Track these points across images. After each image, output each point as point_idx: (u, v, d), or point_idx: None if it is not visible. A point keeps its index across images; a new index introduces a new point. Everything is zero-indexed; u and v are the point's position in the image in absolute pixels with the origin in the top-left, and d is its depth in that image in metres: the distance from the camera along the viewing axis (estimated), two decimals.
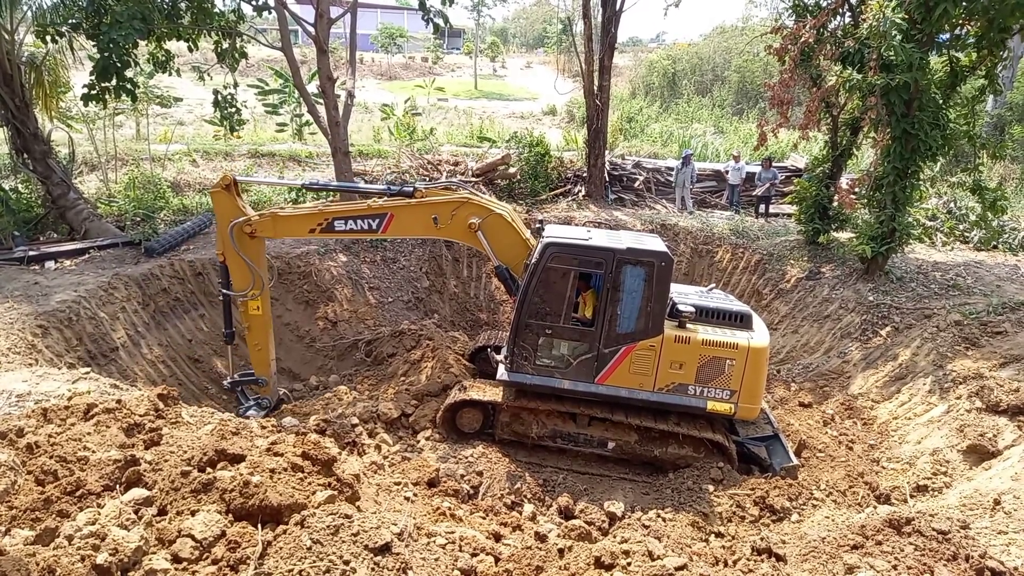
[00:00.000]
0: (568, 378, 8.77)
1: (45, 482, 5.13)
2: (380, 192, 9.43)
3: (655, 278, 8.31)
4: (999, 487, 7.23)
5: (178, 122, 24.67)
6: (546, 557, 5.33)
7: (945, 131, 12.16)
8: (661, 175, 20.95)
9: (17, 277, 11.36)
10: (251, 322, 9.76)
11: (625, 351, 8.58)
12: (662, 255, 8.36)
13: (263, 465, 5.24)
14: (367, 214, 9.12)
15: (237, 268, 9.40)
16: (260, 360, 10.04)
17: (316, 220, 9.22)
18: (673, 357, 8.57)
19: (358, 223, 9.14)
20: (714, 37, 43.71)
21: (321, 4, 14.04)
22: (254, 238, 9.31)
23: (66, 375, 8.36)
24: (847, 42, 12.40)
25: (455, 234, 9.23)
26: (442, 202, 9.11)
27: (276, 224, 9.33)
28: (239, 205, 9.31)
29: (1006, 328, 10.73)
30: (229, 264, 9.39)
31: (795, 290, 14.34)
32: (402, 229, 9.38)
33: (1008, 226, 16.26)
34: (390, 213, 9.09)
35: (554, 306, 8.54)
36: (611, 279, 8.34)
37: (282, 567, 4.26)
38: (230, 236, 9.11)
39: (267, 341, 10.04)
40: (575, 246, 8.46)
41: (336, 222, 9.16)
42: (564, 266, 8.41)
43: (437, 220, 9.00)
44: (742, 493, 8.21)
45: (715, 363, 8.58)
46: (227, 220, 9.17)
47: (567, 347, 8.72)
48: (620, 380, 8.69)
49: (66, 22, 12.76)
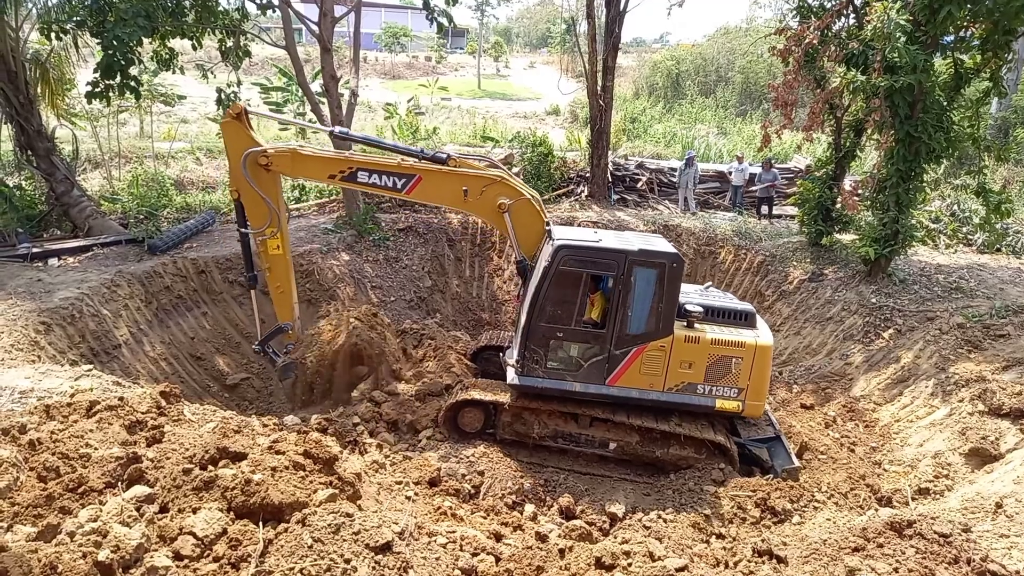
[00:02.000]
0: (579, 380, 8.77)
1: (47, 479, 5.14)
2: (412, 154, 9.12)
3: (666, 279, 8.37)
4: (1001, 490, 7.21)
5: (182, 120, 24.71)
6: (547, 557, 5.33)
7: (949, 133, 12.14)
8: (664, 176, 20.94)
9: (20, 274, 11.38)
10: (271, 262, 9.32)
11: (636, 352, 8.61)
12: (673, 256, 8.43)
13: (265, 463, 5.25)
14: (394, 171, 8.87)
15: (253, 204, 8.92)
16: (283, 303, 9.59)
17: (339, 166, 8.89)
18: (683, 357, 8.64)
19: (383, 179, 8.85)
20: (718, 38, 43.62)
21: (325, 3, 14.05)
22: (269, 171, 8.84)
23: (69, 372, 8.37)
24: (851, 44, 12.38)
25: (481, 211, 9.10)
26: (475, 176, 8.96)
27: (295, 161, 8.88)
28: (251, 136, 8.83)
29: (1009, 331, 10.70)
30: (244, 201, 8.92)
31: (798, 292, 14.32)
32: (428, 194, 9.14)
33: (1012, 229, 16.22)
34: (419, 176, 8.86)
35: (566, 309, 8.54)
36: (623, 281, 8.35)
37: (283, 565, 4.26)
38: (243, 168, 8.63)
39: (289, 282, 9.58)
40: (588, 248, 8.43)
41: (360, 172, 8.83)
42: (576, 269, 8.40)
43: (467, 193, 8.85)
44: (743, 495, 8.20)
45: (723, 362, 8.67)
46: (240, 151, 8.67)
47: (578, 349, 8.71)
48: (631, 381, 8.71)
49: (71, 19, 12.80)
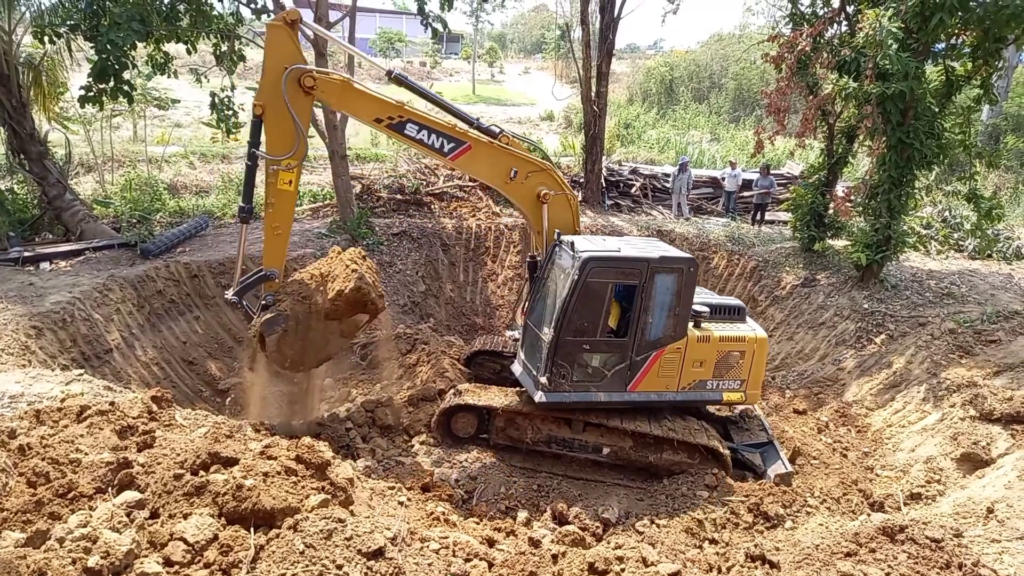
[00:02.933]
0: (603, 390, 8.83)
1: (37, 484, 5.10)
2: (467, 120, 8.80)
3: (683, 284, 8.57)
4: (992, 495, 7.24)
5: (175, 124, 24.67)
6: (540, 563, 5.31)
7: (940, 140, 12.24)
8: (658, 181, 21.02)
9: (12, 278, 11.31)
10: (278, 198, 8.20)
11: (655, 357, 8.78)
12: (690, 261, 8.70)
13: (256, 468, 5.22)
14: (446, 132, 8.47)
15: (278, 127, 7.94)
16: (276, 247, 8.44)
17: (391, 111, 8.31)
18: (696, 356, 8.95)
19: (431, 137, 8.41)
20: (711, 44, 43.87)
21: (320, 8, 14.06)
22: (309, 96, 8.01)
23: (59, 377, 8.32)
24: (843, 51, 12.47)
25: (521, 196, 8.95)
26: (526, 159, 8.86)
27: (344, 92, 8.19)
28: (299, 49, 7.97)
29: (1000, 337, 10.77)
30: (269, 120, 7.92)
31: (790, 297, 14.37)
32: (472, 165, 8.86)
33: (1002, 235, 16.35)
34: (469, 144, 8.57)
35: (591, 320, 8.55)
36: (645, 288, 8.46)
37: (275, 571, 4.24)
38: (283, 83, 7.70)
39: (288, 225, 8.60)
40: (614, 259, 8.45)
41: (410, 124, 8.34)
42: (603, 280, 8.43)
43: (515, 174, 8.71)
44: (736, 500, 8.21)
45: (729, 357, 9.07)
46: (281, 62, 7.77)
47: (601, 359, 8.76)
48: (650, 385, 8.90)
49: (64, 23, 12.77)
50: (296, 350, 8.39)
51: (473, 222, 16.99)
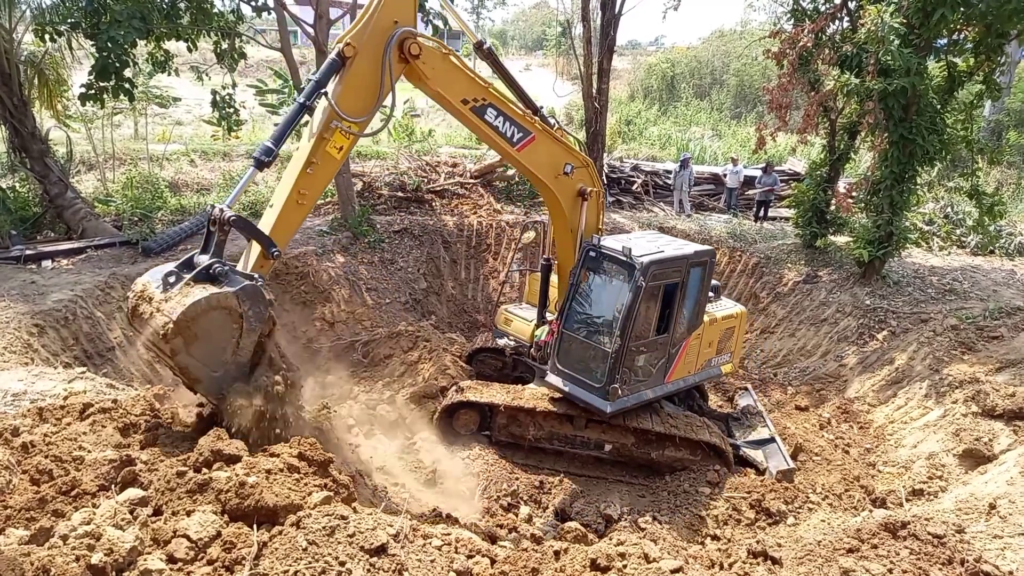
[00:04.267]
0: (649, 387, 9.00)
1: (40, 481, 5.11)
2: (532, 107, 8.36)
3: (707, 273, 9.02)
4: (994, 491, 7.24)
5: (176, 122, 24.63)
6: (542, 559, 5.31)
7: (942, 136, 12.20)
8: (659, 178, 20.98)
9: (14, 276, 11.33)
10: (323, 160, 6.87)
11: (684, 345, 9.15)
12: (712, 252, 9.24)
13: (259, 466, 5.22)
14: (519, 121, 8.11)
15: (363, 81, 6.92)
16: (291, 219, 6.85)
17: (479, 92, 7.80)
18: (709, 338, 9.53)
19: (505, 125, 8.01)
20: (713, 41, 43.71)
21: (320, 5, 14.03)
22: (405, 62, 7.18)
23: (62, 374, 8.34)
24: (845, 47, 12.44)
25: (564, 192, 8.68)
26: (575, 154, 8.73)
27: (444, 65, 7.48)
28: (416, 13, 7.29)
29: (1002, 333, 10.75)
30: (356, 70, 6.82)
31: (792, 294, 14.35)
32: (531, 158, 8.35)
33: (1004, 231, 16.31)
34: (534, 134, 8.24)
35: (647, 322, 8.66)
36: (684, 284, 8.71)
37: (277, 568, 4.25)
38: (389, 45, 6.87)
39: (315, 198, 7.20)
40: (667, 260, 8.53)
41: (490, 109, 7.89)
42: (659, 282, 8.52)
43: (570, 170, 8.49)
44: (738, 496, 8.22)
45: (727, 334, 9.82)
46: (394, 16, 6.92)
47: (648, 358, 8.90)
48: (679, 373, 9.31)
49: (65, 21, 12.75)
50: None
51: (474, 219, 16.98)
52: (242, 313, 5.66)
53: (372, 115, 7.14)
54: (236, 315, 5.65)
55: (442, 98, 7.81)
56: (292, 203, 6.79)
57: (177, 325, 5.31)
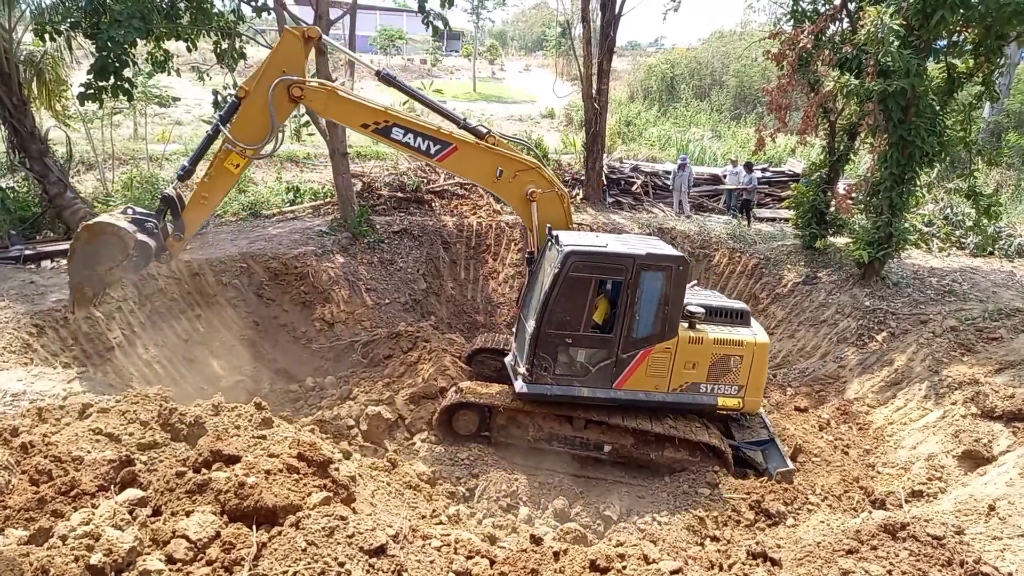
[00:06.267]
0: (587, 385, 8.82)
1: (39, 482, 5.11)
2: (454, 120, 9.00)
3: (672, 282, 8.48)
4: (994, 493, 7.25)
5: (176, 122, 24.63)
6: (541, 560, 5.31)
7: (942, 137, 12.21)
8: (659, 179, 20.99)
9: (13, 276, 11.32)
10: (219, 173, 8.69)
11: (643, 355, 8.71)
12: (679, 259, 8.58)
13: (258, 466, 5.22)
14: (431, 135, 8.66)
15: (254, 118, 8.39)
16: (196, 214, 8.89)
17: (375, 117, 8.58)
18: (687, 358, 8.81)
19: (417, 140, 8.60)
20: (712, 42, 43.69)
21: (320, 5, 14.05)
22: (293, 102, 8.49)
23: (61, 375, 8.34)
24: (845, 48, 12.45)
25: (509, 195, 9.04)
26: (512, 158, 8.91)
27: (330, 101, 8.59)
28: (303, 64, 8.45)
29: (1001, 334, 10.76)
30: (247, 108, 8.38)
31: (792, 295, 14.36)
32: (459, 166, 8.99)
33: (1003, 232, 16.32)
34: (455, 145, 8.71)
35: (574, 315, 8.56)
36: (631, 285, 8.42)
37: (277, 569, 4.25)
38: (272, 88, 8.17)
39: (216, 201, 9.25)
40: (597, 254, 8.46)
41: (395, 129, 8.56)
42: (585, 275, 8.42)
43: (501, 174, 8.77)
44: (737, 497, 8.22)
45: (725, 361, 8.88)
46: (279, 68, 8.31)
47: (586, 355, 8.77)
48: (637, 384, 8.82)
49: (65, 20, 12.73)
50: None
51: (474, 220, 16.98)
52: (130, 253, 8.20)
53: (268, 141, 8.58)
54: (126, 251, 8.19)
55: (341, 123, 9.30)
56: (197, 202, 8.84)
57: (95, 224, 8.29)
